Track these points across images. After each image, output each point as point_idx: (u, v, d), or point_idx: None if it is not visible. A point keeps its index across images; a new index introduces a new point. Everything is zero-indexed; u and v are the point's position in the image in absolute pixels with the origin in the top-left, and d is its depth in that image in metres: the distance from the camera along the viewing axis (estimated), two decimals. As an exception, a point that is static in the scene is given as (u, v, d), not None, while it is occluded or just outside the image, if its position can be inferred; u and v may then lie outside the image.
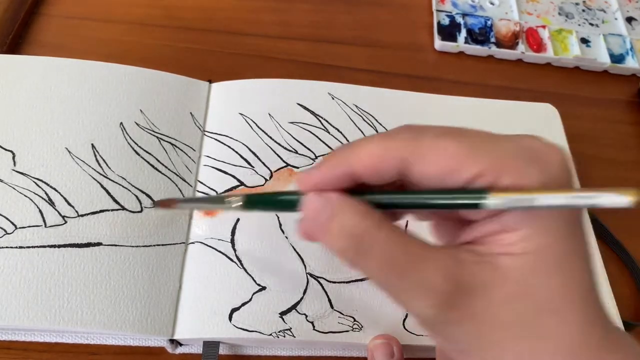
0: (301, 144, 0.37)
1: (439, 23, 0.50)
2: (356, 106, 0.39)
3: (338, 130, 0.38)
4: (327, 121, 0.38)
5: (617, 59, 0.49)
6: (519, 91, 0.47)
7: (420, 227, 0.22)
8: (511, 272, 0.18)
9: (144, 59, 0.44)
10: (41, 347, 0.31)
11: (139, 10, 0.47)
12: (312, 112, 0.39)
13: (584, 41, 0.50)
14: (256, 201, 0.23)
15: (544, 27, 0.50)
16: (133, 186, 0.34)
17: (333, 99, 0.39)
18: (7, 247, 0.31)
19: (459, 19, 0.50)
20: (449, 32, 0.49)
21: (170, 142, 0.36)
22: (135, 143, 0.35)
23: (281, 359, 0.33)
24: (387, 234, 0.18)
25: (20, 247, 0.31)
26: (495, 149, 0.18)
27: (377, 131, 0.39)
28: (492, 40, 0.49)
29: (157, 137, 0.36)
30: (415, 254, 0.18)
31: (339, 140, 0.38)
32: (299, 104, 0.39)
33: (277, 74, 0.40)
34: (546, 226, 0.18)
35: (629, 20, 0.53)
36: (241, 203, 0.22)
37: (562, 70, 0.49)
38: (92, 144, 0.35)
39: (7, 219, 0.32)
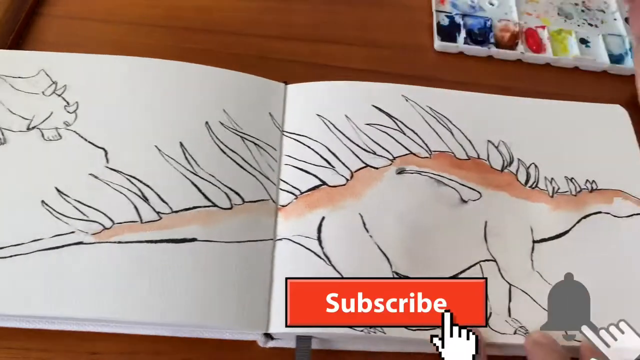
0: (379, 145, 0.38)
1: (438, 23, 0.50)
2: (430, 108, 0.40)
3: (414, 132, 0.38)
4: (402, 122, 0.39)
5: (616, 59, 0.50)
6: (519, 91, 0.47)
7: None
8: None
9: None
10: (42, 347, 0.31)
11: (140, 10, 0.47)
12: (387, 114, 0.39)
13: (583, 41, 0.51)
14: None
15: (543, 27, 0.51)
16: (222, 184, 0.34)
17: (407, 100, 0.40)
18: (107, 242, 0.31)
19: (459, 20, 0.50)
20: (448, 32, 0.49)
21: (253, 142, 0.37)
22: (221, 142, 0.36)
23: (372, 355, 0.33)
24: None
25: (120, 242, 0.31)
26: None
27: (452, 133, 0.39)
28: (492, 40, 0.49)
29: (241, 137, 0.36)
30: None
31: (414, 142, 0.38)
32: (374, 106, 0.39)
33: (277, 74, 0.40)
34: None
35: (628, 20, 0.53)
36: None
37: (562, 71, 0.49)
38: (180, 142, 0.35)
39: (104, 214, 0.32)
